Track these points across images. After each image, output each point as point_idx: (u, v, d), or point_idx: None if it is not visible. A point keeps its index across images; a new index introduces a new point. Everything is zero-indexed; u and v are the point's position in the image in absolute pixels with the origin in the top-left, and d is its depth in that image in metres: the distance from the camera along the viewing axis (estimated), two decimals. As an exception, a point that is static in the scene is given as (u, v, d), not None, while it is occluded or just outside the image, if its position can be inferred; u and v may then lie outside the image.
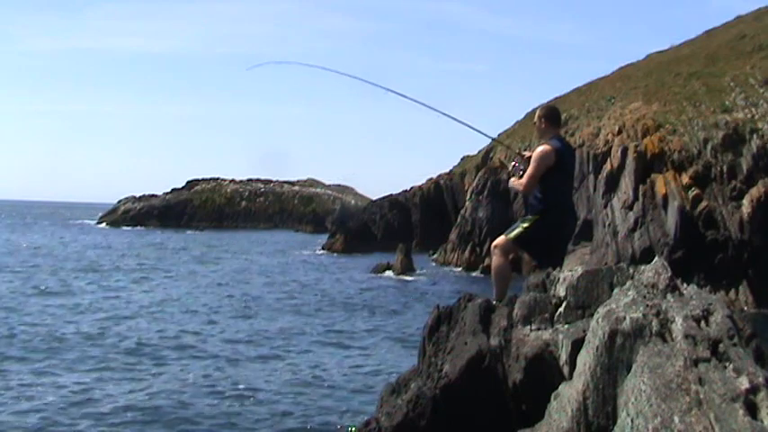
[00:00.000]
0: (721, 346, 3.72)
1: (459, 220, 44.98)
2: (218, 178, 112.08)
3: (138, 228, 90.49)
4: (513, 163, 6.46)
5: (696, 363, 3.61)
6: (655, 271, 4.51)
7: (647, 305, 4.08)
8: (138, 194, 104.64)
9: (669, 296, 4.23)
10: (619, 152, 31.21)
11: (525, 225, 6.01)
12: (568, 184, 6.45)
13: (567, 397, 4.24)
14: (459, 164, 62.36)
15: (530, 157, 6.14)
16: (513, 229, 6.08)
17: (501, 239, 6.09)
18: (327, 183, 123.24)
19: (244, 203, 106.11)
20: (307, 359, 16.71)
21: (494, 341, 5.04)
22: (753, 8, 48.37)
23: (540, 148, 6.09)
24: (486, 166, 47.21)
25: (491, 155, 51.74)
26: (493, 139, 7.31)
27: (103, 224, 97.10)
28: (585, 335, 4.32)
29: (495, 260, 6.10)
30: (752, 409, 3.29)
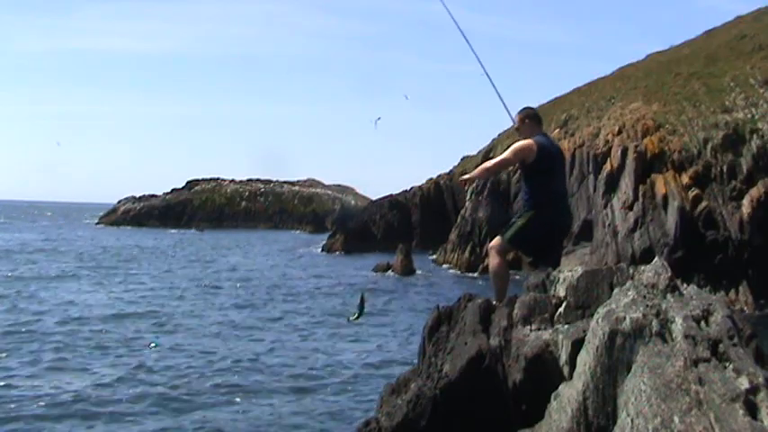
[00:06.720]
0: (721, 346, 3.73)
1: (459, 220, 44.97)
2: (218, 178, 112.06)
3: (139, 228, 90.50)
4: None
5: (696, 363, 3.61)
6: (655, 271, 4.51)
7: (647, 305, 4.09)
8: (138, 194, 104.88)
9: (669, 296, 4.24)
10: (619, 152, 31.21)
11: (519, 224, 6.01)
12: (558, 182, 6.36)
13: (567, 397, 4.24)
14: (459, 164, 62.28)
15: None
16: (508, 230, 6.08)
17: (496, 241, 6.10)
18: (327, 183, 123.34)
19: (244, 203, 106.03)
20: (303, 358, 16.71)
21: (494, 341, 5.04)
22: (753, 8, 48.34)
23: (522, 141, 6.10)
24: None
25: (491, 155, 51.72)
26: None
27: (103, 225, 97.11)
28: (585, 335, 4.32)
29: (493, 261, 6.10)
30: (752, 409, 3.29)
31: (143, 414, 12.08)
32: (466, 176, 6.40)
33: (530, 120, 6.25)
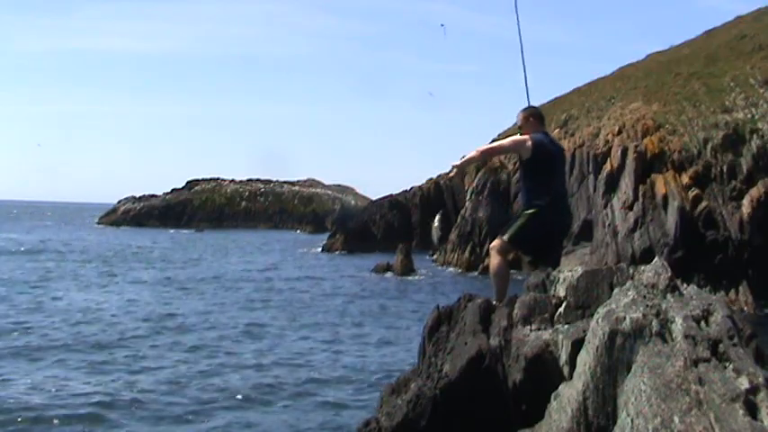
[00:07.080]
0: (721, 346, 3.73)
1: (459, 220, 44.97)
2: (218, 178, 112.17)
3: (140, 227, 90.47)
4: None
5: (696, 363, 3.61)
6: (655, 271, 4.51)
7: (647, 305, 4.09)
8: (138, 194, 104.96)
9: (669, 296, 4.23)
10: (619, 152, 31.21)
11: (519, 223, 6.02)
12: (558, 182, 6.38)
13: (567, 397, 4.24)
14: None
15: None
16: (508, 229, 6.09)
17: (497, 241, 6.11)
18: (327, 183, 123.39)
19: (244, 203, 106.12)
20: (303, 358, 16.71)
21: (494, 341, 5.04)
22: (753, 8, 48.32)
23: (521, 136, 6.15)
24: (486, 166, 47.20)
25: (491, 155, 51.60)
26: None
27: (103, 225, 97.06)
28: (585, 335, 4.32)
29: (493, 261, 6.10)
30: (752, 409, 3.29)
31: (143, 415, 12.07)
32: (458, 162, 6.43)
33: (533, 118, 6.28)
